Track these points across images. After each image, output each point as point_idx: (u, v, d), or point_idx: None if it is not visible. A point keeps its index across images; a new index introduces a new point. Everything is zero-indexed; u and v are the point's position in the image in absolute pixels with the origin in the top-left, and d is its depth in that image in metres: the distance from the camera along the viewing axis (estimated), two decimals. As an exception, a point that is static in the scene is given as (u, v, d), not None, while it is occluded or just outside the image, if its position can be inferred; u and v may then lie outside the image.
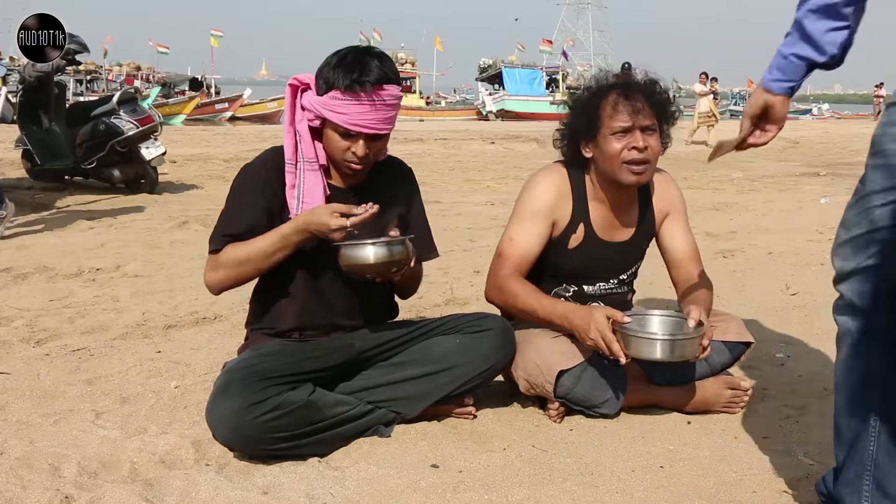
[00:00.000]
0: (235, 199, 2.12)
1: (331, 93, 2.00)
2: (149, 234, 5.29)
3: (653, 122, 2.28)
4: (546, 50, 40.27)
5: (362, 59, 2.01)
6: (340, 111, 2.00)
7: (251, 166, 2.14)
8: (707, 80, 16.09)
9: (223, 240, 2.08)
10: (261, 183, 2.09)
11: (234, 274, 2.08)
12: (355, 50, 2.05)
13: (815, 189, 8.47)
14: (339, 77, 1.99)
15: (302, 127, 2.08)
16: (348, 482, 1.90)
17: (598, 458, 2.08)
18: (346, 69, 1.99)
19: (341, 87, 1.98)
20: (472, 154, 12.52)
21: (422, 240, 2.26)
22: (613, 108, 2.26)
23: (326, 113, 2.01)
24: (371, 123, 2.01)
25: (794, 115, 43.63)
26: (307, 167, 2.09)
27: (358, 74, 1.98)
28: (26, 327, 3.09)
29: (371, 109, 2.00)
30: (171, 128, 16.37)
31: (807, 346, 3.05)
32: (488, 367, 2.21)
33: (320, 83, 2.03)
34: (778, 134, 1.73)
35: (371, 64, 2.00)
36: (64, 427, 2.15)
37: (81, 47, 6.87)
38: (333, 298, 2.18)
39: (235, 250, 2.06)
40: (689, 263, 2.45)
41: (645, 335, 2.06)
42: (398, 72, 2.09)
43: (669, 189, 2.49)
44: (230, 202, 2.13)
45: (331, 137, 2.06)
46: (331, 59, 2.04)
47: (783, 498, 1.87)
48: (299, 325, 2.17)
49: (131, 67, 39.84)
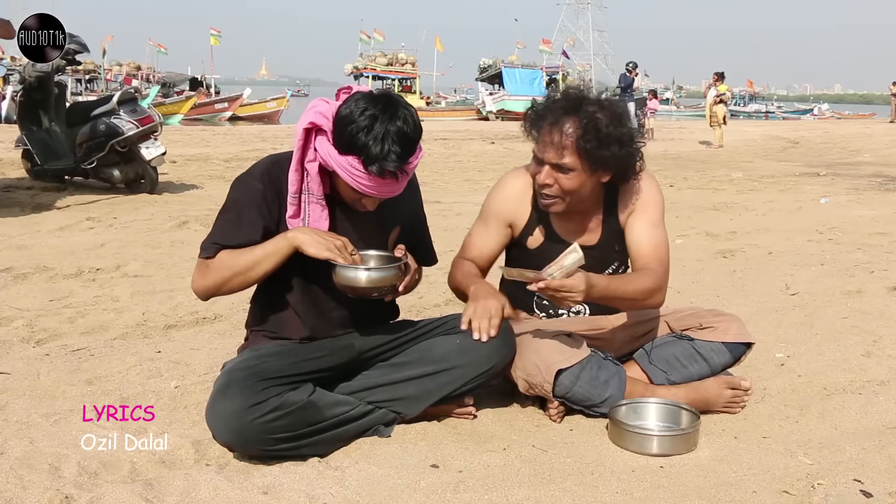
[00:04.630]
0: (231, 214, 2.07)
1: (350, 157, 1.92)
2: (149, 234, 5.29)
3: (570, 161, 2.20)
4: (546, 50, 40.25)
5: (387, 133, 1.89)
6: (360, 181, 1.94)
7: (248, 181, 2.07)
8: (711, 82, 16.11)
9: (215, 248, 2.05)
10: (259, 198, 2.04)
11: (220, 282, 2.06)
12: (385, 118, 1.91)
13: (815, 189, 8.47)
14: (363, 151, 1.90)
15: (312, 167, 2.02)
16: (348, 482, 1.90)
17: (598, 458, 2.08)
18: (372, 148, 1.89)
19: (366, 164, 1.91)
20: (472, 154, 12.52)
21: (422, 246, 2.28)
22: (542, 134, 2.25)
23: (343, 175, 1.94)
24: (387, 192, 1.99)
25: (795, 114, 43.67)
26: (313, 200, 2.06)
27: (383, 159, 1.89)
28: (26, 327, 3.09)
29: (390, 183, 1.97)
30: (171, 128, 16.39)
31: (807, 346, 3.05)
32: (489, 367, 2.21)
33: (339, 138, 1.93)
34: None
35: (396, 149, 1.90)
36: (64, 427, 2.15)
37: (81, 47, 6.88)
38: (334, 305, 2.18)
39: (226, 259, 2.04)
40: (648, 260, 2.32)
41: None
42: (419, 126, 1.99)
43: (639, 187, 2.39)
44: (227, 216, 2.08)
45: (342, 185, 2.01)
46: (358, 117, 1.91)
47: (783, 498, 1.87)
48: (300, 331, 2.17)
49: (131, 67, 39.89)
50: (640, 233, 2.36)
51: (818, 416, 2.37)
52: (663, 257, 2.34)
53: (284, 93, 31.47)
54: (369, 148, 1.90)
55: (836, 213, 6.65)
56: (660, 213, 2.39)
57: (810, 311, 3.56)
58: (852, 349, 3.00)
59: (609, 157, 2.21)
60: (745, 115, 41.87)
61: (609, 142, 2.20)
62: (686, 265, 4.54)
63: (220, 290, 2.09)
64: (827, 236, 5.52)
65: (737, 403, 2.38)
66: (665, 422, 2.24)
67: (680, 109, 47.62)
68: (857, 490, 1.90)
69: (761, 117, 41.22)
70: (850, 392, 2.57)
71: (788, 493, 1.89)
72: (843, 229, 5.78)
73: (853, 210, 6.89)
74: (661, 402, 2.27)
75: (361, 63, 36.21)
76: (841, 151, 14.69)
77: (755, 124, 28.38)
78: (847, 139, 17.80)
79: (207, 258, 2.06)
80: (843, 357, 2.91)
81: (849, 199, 7.64)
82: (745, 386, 2.37)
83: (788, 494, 1.88)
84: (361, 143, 1.90)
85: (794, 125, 26.83)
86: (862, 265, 4.53)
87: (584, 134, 2.19)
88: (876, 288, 3.95)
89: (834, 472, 1.98)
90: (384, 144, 1.90)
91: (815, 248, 5.06)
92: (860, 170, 10.96)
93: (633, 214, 2.38)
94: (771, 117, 41.26)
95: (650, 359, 2.38)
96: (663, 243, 2.36)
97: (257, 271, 2.03)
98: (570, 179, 2.23)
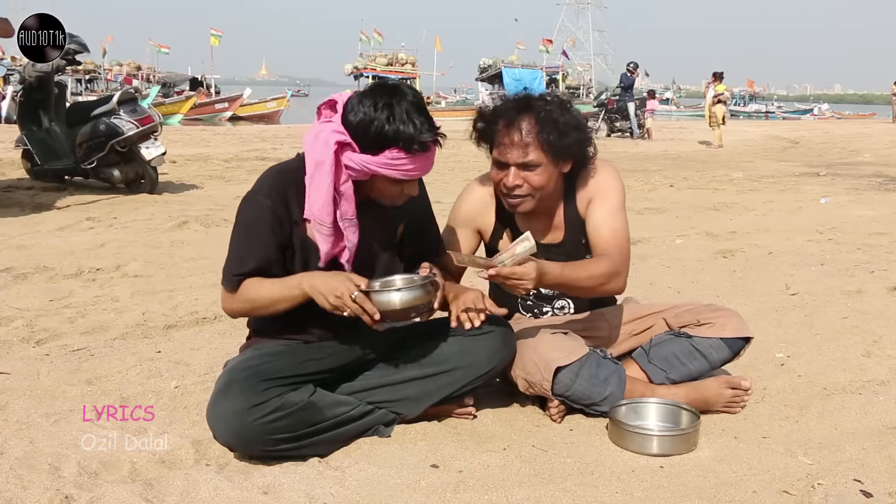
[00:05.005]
0: (244, 236, 2.07)
1: (388, 153, 1.94)
2: (149, 234, 5.29)
3: (535, 156, 2.23)
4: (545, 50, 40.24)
5: (407, 112, 1.94)
6: (405, 168, 1.96)
7: (255, 199, 2.05)
8: (709, 82, 16.11)
9: (235, 280, 2.06)
10: (269, 216, 2.03)
11: (247, 311, 2.13)
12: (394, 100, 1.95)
13: (815, 189, 8.47)
14: (398, 138, 1.92)
15: (346, 188, 2.00)
16: (348, 482, 1.90)
17: (598, 458, 2.08)
18: (403, 129, 1.92)
19: (406, 147, 1.93)
20: (472, 154, 12.47)
21: (427, 238, 2.30)
22: (499, 137, 2.27)
23: (387, 171, 1.96)
24: (429, 165, 2.02)
25: (795, 114, 43.67)
26: (348, 225, 2.04)
27: (420, 133, 1.94)
28: (26, 327, 3.09)
29: (431, 154, 2.01)
30: (171, 128, 16.39)
31: (807, 346, 3.05)
32: (489, 368, 2.21)
33: (367, 141, 1.94)
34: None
35: (417, 119, 1.94)
36: (64, 427, 2.15)
37: (81, 47, 6.88)
38: (336, 318, 2.17)
39: (249, 290, 2.05)
40: (606, 247, 2.31)
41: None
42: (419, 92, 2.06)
43: (596, 176, 2.39)
44: (239, 239, 2.07)
45: (381, 187, 2.02)
46: (373, 113, 1.93)
47: (783, 498, 1.87)
48: (302, 330, 2.16)
49: (132, 67, 39.87)
50: (598, 219, 2.35)
51: (818, 416, 2.37)
52: (621, 243, 2.32)
53: (285, 93, 31.49)
54: (401, 132, 1.93)
55: (836, 213, 6.65)
56: (619, 200, 2.38)
57: (810, 311, 3.56)
58: (852, 349, 3.00)
59: (571, 143, 2.25)
60: (745, 115, 41.86)
61: (567, 129, 2.23)
62: (686, 265, 4.54)
63: (249, 315, 2.18)
64: (827, 236, 5.53)
65: (737, 403, 2.38)
66: (665, 422, 2.24)
67: (680, 109, 47.61)
68: (857, 490, 1.90)
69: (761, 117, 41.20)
70: (850, 392, 2.57)
71: (788, 493, 1.89)
72: (843, 229, 5.78)
73: (853, 210, 6.89)
74: (661, 402, 2.28)
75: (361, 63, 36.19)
76: (841, 151, 14.69)
77: (755, 124, 28.38)
78: (847, 139, 17.80)
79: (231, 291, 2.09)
80: (843, 357, 2.91)
81: (849, 199, 7.64)
82: (746, 385, 2.37)
83: (788, 494, 1.88)
84: (393, 133, 1.93)
85: (794, 125, 26.84)
86: (862, 265, 4.53)
87: (543, 127, 2.22)
88: (876, 288, 3.95)
89: (834, 472, 1.98)
90: (412, 121, 1.94)
91: (815, 248, 5.06)
92: (860, 170, 10.96)
93: (591, 202, 2.38)
94: (771, 117, 41.25)
95: (649, 358, 2.38)
96: (621, 229, 2.34)
97: (277, 308, 2.06)
98: (539, 175, 2.25)
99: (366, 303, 1.93)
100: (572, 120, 2.26)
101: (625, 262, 2.32)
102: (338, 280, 1.96)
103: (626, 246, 2.34)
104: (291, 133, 16.36)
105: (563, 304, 2.51)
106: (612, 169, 2.43)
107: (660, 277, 4.21)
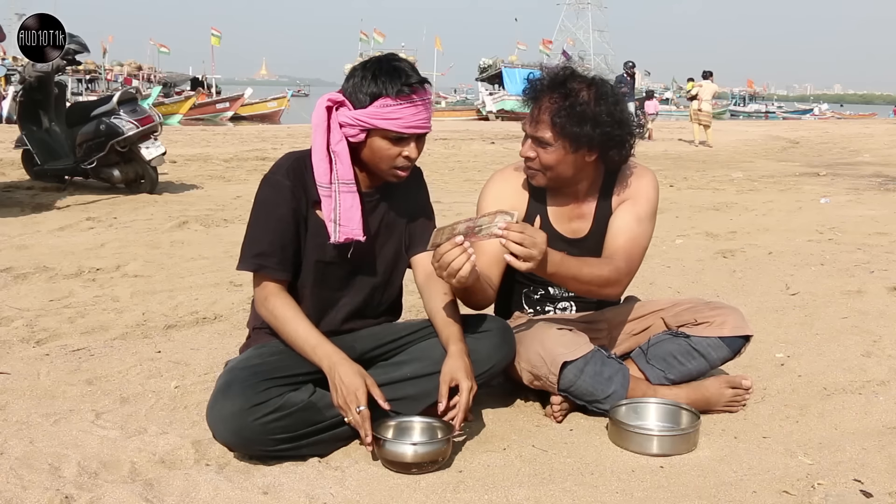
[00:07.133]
0: (262, 215, 2.09)
1: (378, 101, 1.99)
2: (149, 234, 5.29)
3: (546, 135, 2.21)
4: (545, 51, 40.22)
5: (398, 66, 2.02)
6: (394, 117, 1.99)
7: (274, 178, 2.09)
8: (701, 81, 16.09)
9: (254, 262, 2.07)
10: (288, 194, 2.06)
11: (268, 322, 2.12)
12: (383, 59, 2.06)
13: (815, 189, 8.47)
14: (385, 85, 1.98)
15: (340, 147, 2.05)
16: (348, 482, 1.90)
17: (598, 458, 2.08)
18: (389, 77, 1.99)
19: (391, 93, 1.98)
20: (472, 154, 12.52)
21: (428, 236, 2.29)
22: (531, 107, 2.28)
23: (378, 122, 2.00)
24: (423, 122, 2.05)
25: (795, 114, 43.68)
26: (344, 189, 2.06)
27: (405, 78, 2.00)
28: (26, 327, 3.09)
29: (423, 109, 2.04)
30: (171, 128, 16.40)
31: (807, 346, 3.05)
32: (488, 367, 2.21)
33: (359, 97, 2.01)
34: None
35: (407, 68, 2.03)
36: (64, 427, 2.15)
37: (81, 47, 6.88)
38: (340, 308, 2.19)
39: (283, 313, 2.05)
40: (617, 252, 2.26)
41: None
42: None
43: (634, 181, 2.37)
44: (257, 217, 2.10)
45: (379, 147, 2.04)
46: (363, 73, 2.03)
47: (783, 498, 1.87)
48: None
49: (132, 67, 39.89)
50: (621, 223, 2.32)
51: (818, 416, 2.37)
52: (634, 254, 2.28)
53: (285, 93, 31.50)
54: (386, 80, 1.99)
55: (836, 213, 6.65)
56: (649, 209, 2.35)
57: (810, 311, 3.56)
58: (852, 349, 3.00)
59: (582, 134, 2.18)
60: (745, 115, 41.88)
61: (583, 119, 2.17)
62: (686, 265, 4.54)
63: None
64: (827, 236, 5.53)
65: (738, 403, 2.37)
66: (665, 422, 2.24)
67: (680, 109, 47.57)
68: (857, 490, 1.90)
69: (761, 117, 41.22)
70: (850, 392, 2.57)
71: (788, 493, 1.89)
72: (843, 229, 5.78)
73: (853, 210, 6.89)
74: (661, 402, 2.27)
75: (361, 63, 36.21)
76: (841, 151, 14.69)
77: (755, 124, 28.39)
78: (847, 139, 17.81)
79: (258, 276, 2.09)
80: (843, 357, 2.91)
81: (849, 199, 7.65)
82: (747, 385, 2.37)
83: (788, 494, 1.88)
84: (379, 81, 1.99)
85: (794, 125, 26.84)
86: (862, 265, 4.53)
87: (559, 110, 2.19)
88: (876, 288, 3.95)
89: (834, 472, 1.98)
90: (396, 68, 2.02)
91: (815, 248, 5.06)
92: (860, 170, 10.96)
93: (622, 204, 2.36)
94: (771, 117, 41.27)
95: (647, 358, 2.38)
96: (640, 239, 2.30)
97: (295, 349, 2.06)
98: (549, 154, 2.23)
99: (366, 421, 1.94)
100: (598, 113, 2.18)
101: (629, 274, 2.27)
102: (357, 383, 1.96)
103: (638, 259, 2.30)
104: (292, 133, 16.37)
105: (566, 305, 2.50)
106: (653, 178, 2.41)
107: (660, 277, 4.21)
